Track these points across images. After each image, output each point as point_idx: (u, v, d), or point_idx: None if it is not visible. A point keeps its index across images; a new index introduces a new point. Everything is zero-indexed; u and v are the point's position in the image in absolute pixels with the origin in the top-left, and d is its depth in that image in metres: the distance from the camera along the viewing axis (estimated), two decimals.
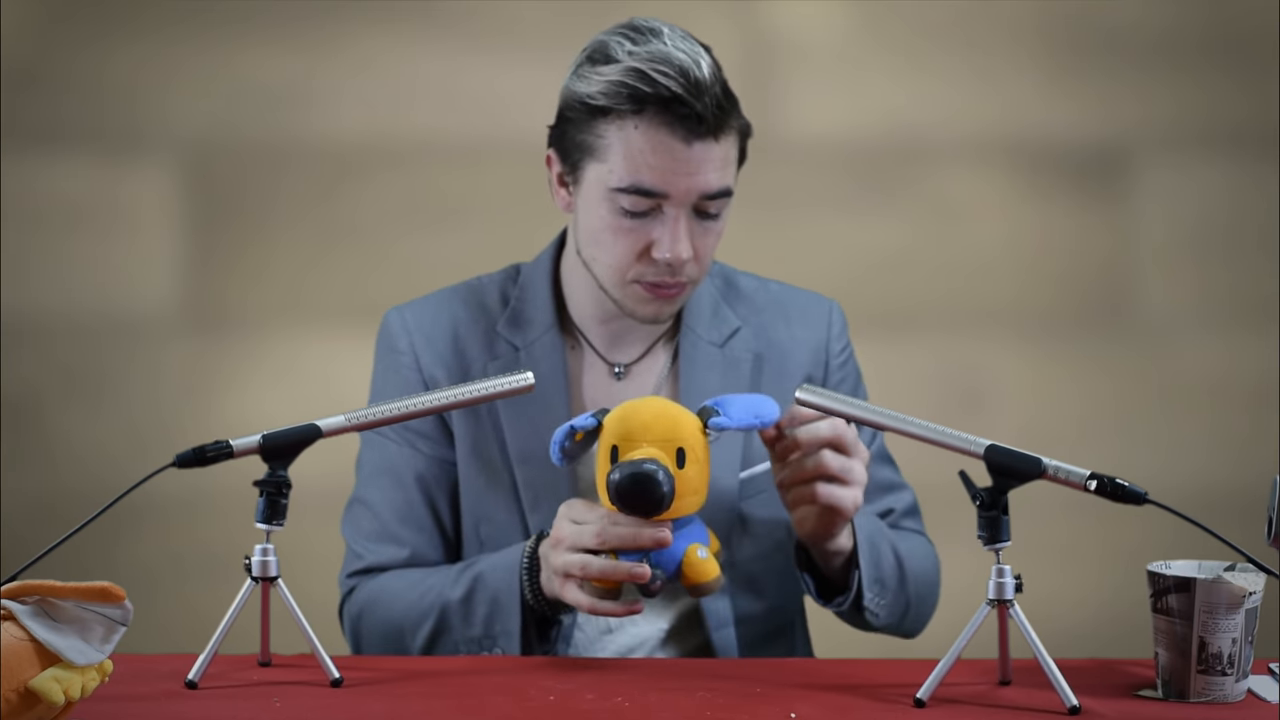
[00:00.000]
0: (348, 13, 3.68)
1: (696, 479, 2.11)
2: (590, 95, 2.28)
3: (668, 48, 2.27)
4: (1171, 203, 3.73)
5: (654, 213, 2.29)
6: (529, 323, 2.43)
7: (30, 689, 1.76)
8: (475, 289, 2.47)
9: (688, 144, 2.26)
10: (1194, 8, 3.71)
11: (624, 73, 2.26)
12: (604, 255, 2.33)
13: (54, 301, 3.71)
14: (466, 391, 2.12)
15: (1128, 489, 1.94)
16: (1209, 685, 1.95)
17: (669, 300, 2.34)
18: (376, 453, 2.44)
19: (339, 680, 2.03)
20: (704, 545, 2.14)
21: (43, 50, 3.67)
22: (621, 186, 2.28)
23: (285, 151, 3.70)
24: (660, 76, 2.25)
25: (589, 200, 2.32)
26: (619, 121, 2.27)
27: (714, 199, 2.29)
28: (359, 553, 2.42)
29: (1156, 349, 3.74)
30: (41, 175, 3.69)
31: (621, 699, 1.97)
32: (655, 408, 2.13)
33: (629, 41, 2.29)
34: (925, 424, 2.02)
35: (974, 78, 3.71)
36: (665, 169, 2.26)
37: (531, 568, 2.25)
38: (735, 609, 2.40)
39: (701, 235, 2.31)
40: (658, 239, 2.29)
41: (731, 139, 2.30)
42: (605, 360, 2.43)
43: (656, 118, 2.26)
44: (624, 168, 2.27)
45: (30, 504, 3.69)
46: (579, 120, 2.31)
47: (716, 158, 2.28)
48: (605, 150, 2.29)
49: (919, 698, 1.94)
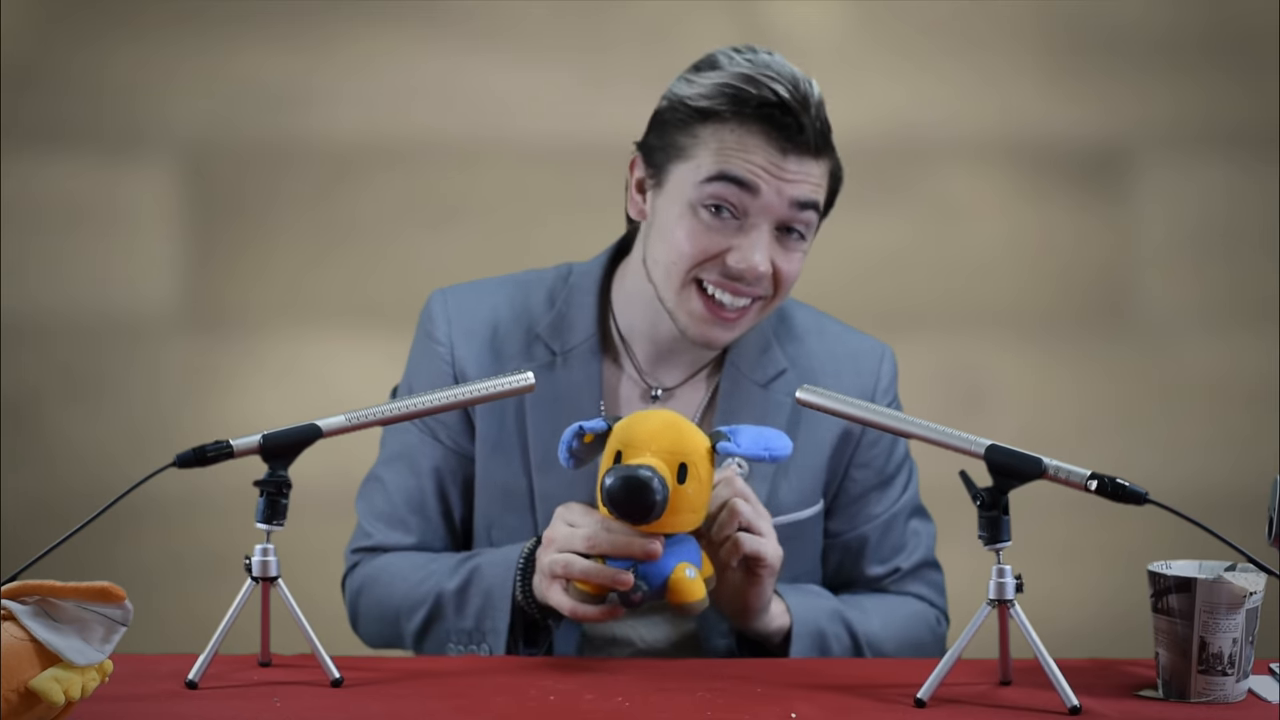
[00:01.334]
0: (348, 13, 3.68)
1: (695, 497, 2.10)
2: (691, 97, 2.25)
3: (776, 60, 2.25)
4: (1171, 203, 3.73)
5: (737, 220, 2.24)
6: (571, 328, 2.38)
7: (30, 689, 1.76)
8: (524, 285, 2.43)
9: (783, 153, 2.23)
10: (1194, 8, 3.71)
11: (731, 76, 2.24)
12: (670, 254, 2.27)
13: (54, 301, 3.71)
14: (467, 391, 2.11)
15: (1128, 489, 1.94)
16: (1209, 685, 1.95)
17: (727, 324, 2.28)
18: (398, 436, 2.43)
19: (339, 680, 2.03)
20: (694, 566, 2.13)
21: (42, 50, 3.67)
22: (710, 175, 2.23)
23: (285, 151, 3.70)
24: (767, 80, 2.22)
25: (670, 199, 2.27)
26: (717, 124, 2.24)
27: (804, 209, 2.25)
28: (368, 530, 2.42)
29: (1156, 349, 3.74)
30: (41, 175, 3.69)
31: (621, 699, 1.97)
32: (664, 419, 2.12)
33: (738, 54, 2.26)
34: (926, 424, 2.02)
35: (974, 78, 3.71)
36: (759, 167, 2.23)
37: (526, 569, 2.25)
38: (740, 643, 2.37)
39: (784, 255, 2.26)
40: (737, 245, 2.24)
41: (825, 168, 2.27)
42: (644, 380, 2.39)
43: (755, 123, 2.23)
44: (713, 160, 2.23)
45: (30, 504, 3.69)
46: (676, 123, 2.26)
47: (813, 175, 2.25)
48: (696, 148, 2.25)
49: (919, 698, 1.94)
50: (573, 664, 2.19)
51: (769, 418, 2.36)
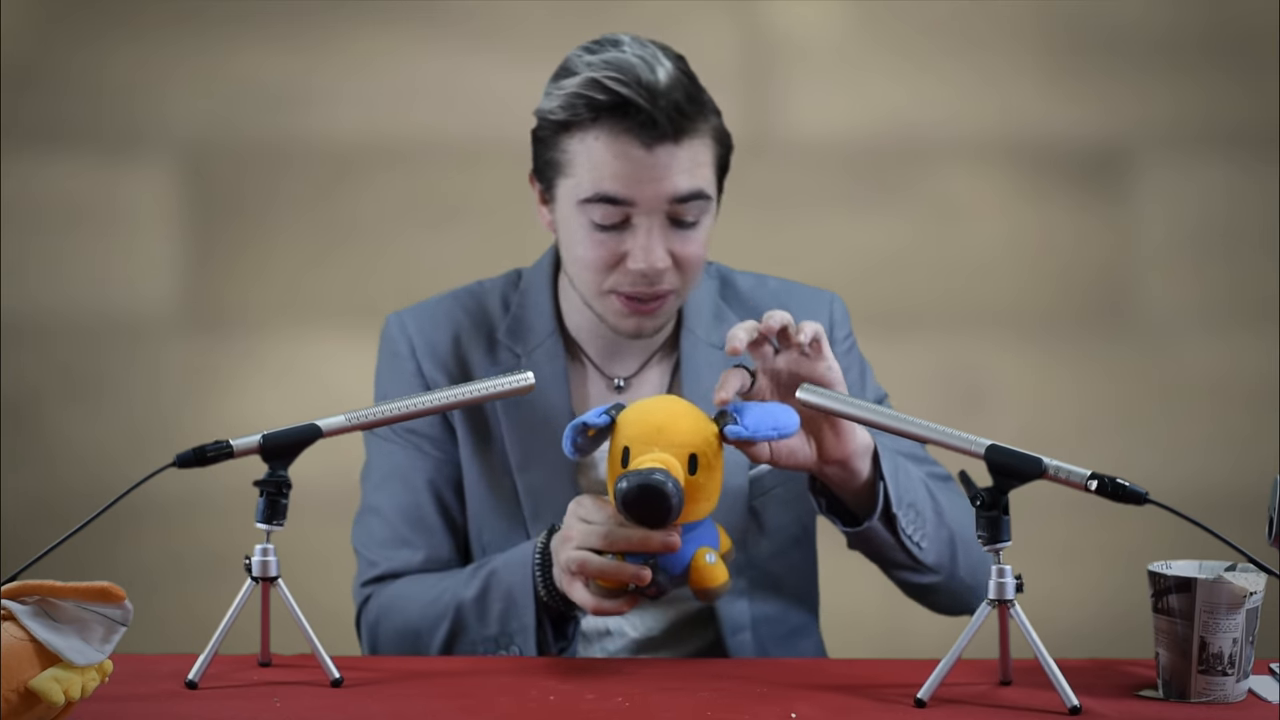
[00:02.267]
0: (347, 13, 3.68)
1: (709, 485, 2.09)
2: (552, 111, 2.29)
3: (624, 54, 2.27)
4: (1171, 203, 3.73)
5: (625, 225, 2.28)
6: (529, 330, 2.42)
7: (30, 689, 1.76)
8: (477, 294, 2.47)
9: (648, 149, 2.25)
10: (1194, 8, 3.71)
11: (580, 84, 2.26)
12: (580, 269, 2.32)
13: (54, 301, 3.71)
14: (467, 391, 2.11)
15: (1128, 489, 1.94)
16: (1210, 685, 1.95)
17: (649, 315, 2.33)
18: (383, 459, 2.43)
19: (339, 680, 2.02)
20: (713, 549, 2.11)
21: (42, 49, 3.67)
22: (587, 197, 2.27)
23: (285, 151, 3.70)
24: (612, 83, 2.24)
25: (564, 216, 2.32)
26: (580, 134, 2.27)
27: (686, 202, 2.28)
28: (372, 560, 2.41)
29: (1157, 349, 3.73)
30: (41, 175, 3.69)
31: (622, 699, 1.97)
32: (670, 410, 2.10)
33: (588, 53, 2.29)
34: (926, 424, 2.01)
35: (974, 78, 3.71)
36: (628, 175, 2.26)
37: (544, 563, 2.24)
38: (753, 610, 2.39)
39: (681, 243, 2.30)
40: (631, 249, 2.28)
41: (700, 143, 2.28)
42: (603, 374, 2.43)
43: (615, 125, 2.25)
44: (588, 178, 2.27)
45: (30, 504, 3.69)
46: (547, 138, 2.31)
47: (683, 161, 2.27)
48: (571, 164, 2.29)
49: (920, 698, 1.94)
50: (573, 664, 2.19)
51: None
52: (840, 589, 2.42)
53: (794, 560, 2.42)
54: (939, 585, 2.32)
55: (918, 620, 3.62)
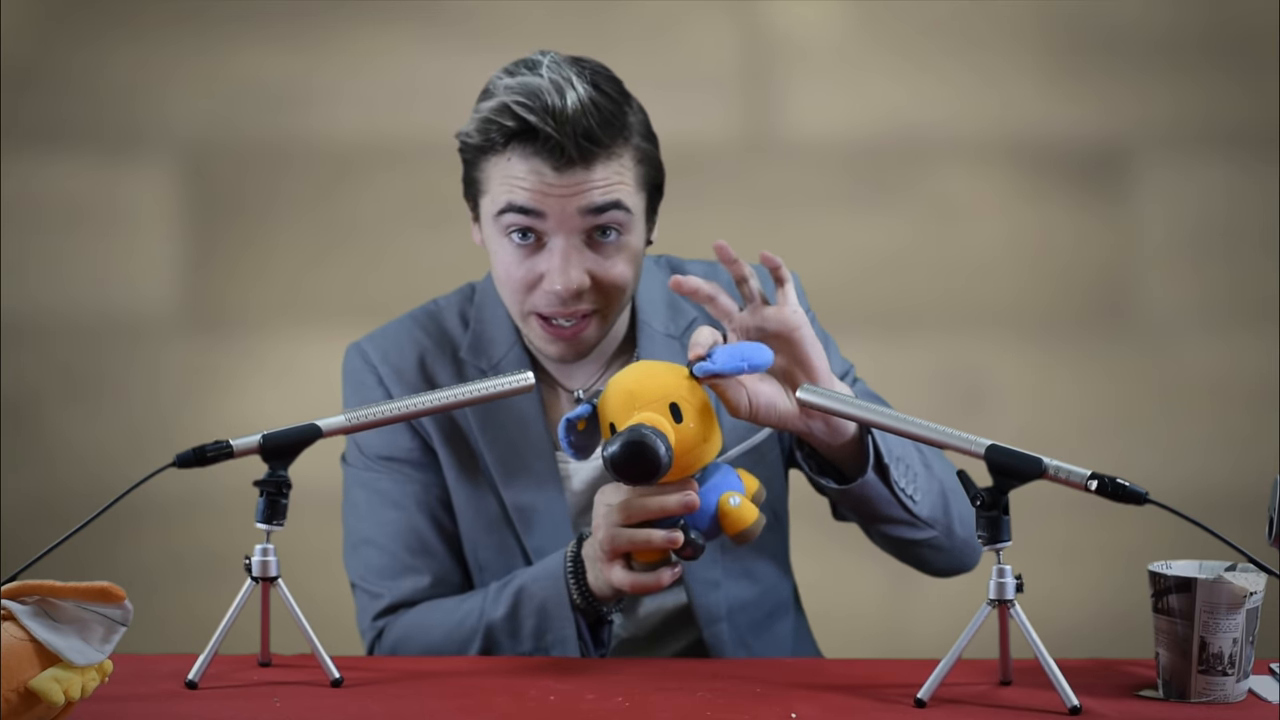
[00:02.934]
0: (347, 13, 3.68)
1: (702, 427, 2.07)
2: (469, 134, 2.29)
3: (539, 79, 2.24)
4: (1171, 203, 3.73)
5: (541, 245, 2.27)
6: (491, 344, 2.40)
7: (30, 689, 1.76)
8: (434, 314, 2.44)
9: (557, 171, 2.24)
10: (1194, 8, 3.71)
11: (492, 109, 2.26)
12: (502, 288, 2.32)
13: (54, 301, 3.71)
14: (467, 391, 2.11)
15: (1128, 489, 1.94)
16: (1210, 685, 1.95)
17: (571, 339, 2.30)
18: (370, 492, 2.40)
19: (339, 680, 2.02)
20: (737, 491, 2.10)
21: (42, 49, 3.67)
22: (500, 209, 2.26)
23: (285, 151, 3.70)
24: (520, 109, 2.23)
25: (488, 235, 2.31)
26: (495, 156, 2.27)
27: (601, 213, 2.25)
28: (376, 593, 2.37)
29: (1157, 349, 3.74)
30: (41, 175, 3.69)
31: (621, 699, 1.97)
32: (638, 371, 2.09)
33: (507, 75, 2.28)
34: (926, 424, 2.01)
35: (974, 78, 3.71)
36: (538, 191, 2.24)
37: (577, 570, 2.23)
38: (728, 599, 2.38)
39: (600, 264, 2.27)
40: (546, 270, 2.27)
41: (616, 164, 2.26)
42: (564, 388, 2.40)
43: (525, 148, 2.24)
44: (502, 192, 2.26)
45: (30, 504, 3.69)
46: (467, 161, 2.32)
47: (595, 181, 2.25)
48: (489, 182, 2.29)
49: (920, 698, 1.94)
50: (573, 664, 2.19)
51: None
52: (840, 589, 2.42)
53: (766, 545, 2.40)
54: (936, 541, 2.31)
55: (918, 620, 3.63)
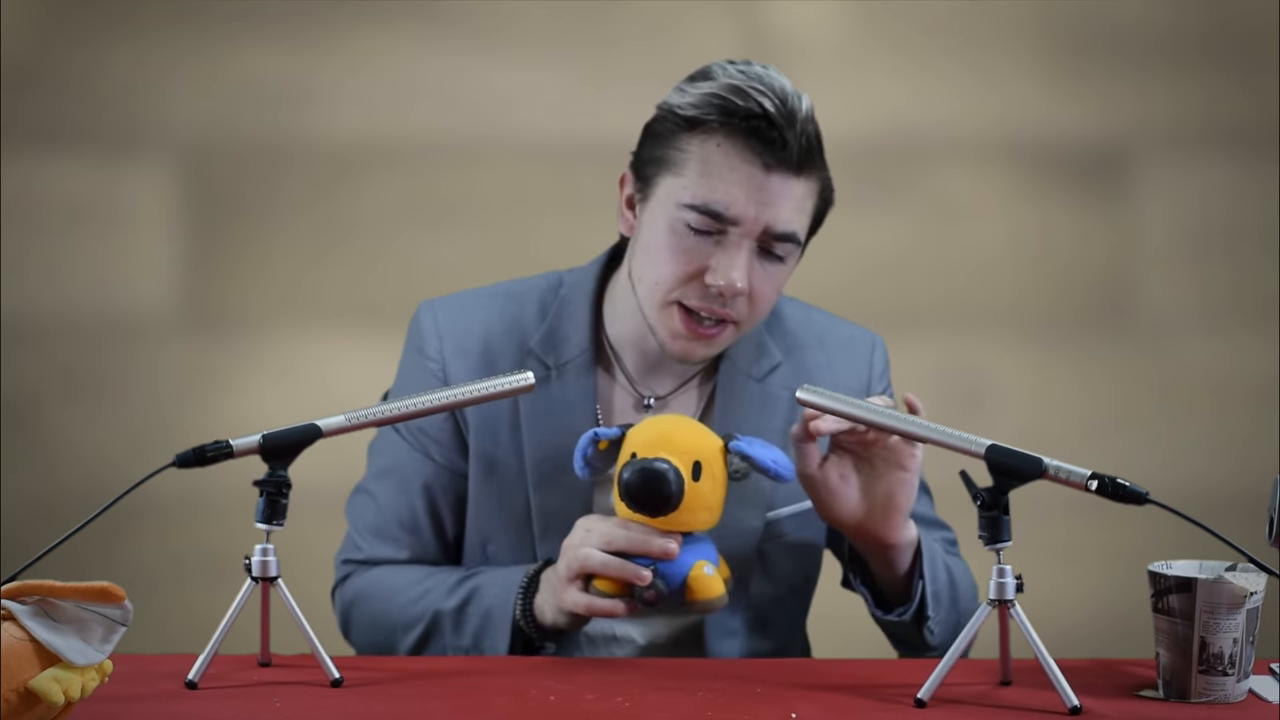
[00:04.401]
0: (347, 12, 3.68)
1: (710, 495, 2.10)
2: (681, 106, 2.24)
3: (770, 74, 2.24)
4: (1171, 203, 3.73)
5: (717, 237, 2.23)
6: (564, 341, 2.36)
7: (30, 689, 1.76)
8: (515, 296, 2.40)
9: (767, 171, 2.21)
10: (1194, 8, 3.71)
11: (720, 87, 2.22)
12: (653, 271, 2.26)
13: (54, 301, 3.71)
14: (467, 391, 2.11)
15: (1129, 489, 1.94)
16: (1210, 685, 1.95)
17: (705, 341, 2.27)
18: (389, 450, 2.41)
19: (339, 680, 2.02)
20: (711, 563, 2.13)
21: (42, 49, 3.67)
22: (692, 203, 2.22)
23: (285, 151, 3.70)
24: (755, 93, 2.20)
25: (654, 215, 2.26)
26: (704, 136, 2.22)
27: (780, 240, 2.24)
28: (358, 543, 2.41)
29: (1157, 349, 3.73)
30: (41, 175, 3.69)
31: (621, 699, 1.97)
32: (677, 421, 2.14)
33: (732, 65, 2.25)
34: (926, 424, 2.02)
35: (974, 77, 3.71)
36: (739, 192, 2.21)
37: (529, 589, 2.24)
38: (744, 650, 2.37)
39: (762, 276, 2.25)
40: (715, 264, 2.23)
41: (812, 184, 2.25)
42: (636, 390, 2.38)
43: (741, 137, 2.21)
44: (698, 183, 2.22)
45: (30, 504, 3.69)
46: (665, 134, 2.26)
47: (795, 195, 2.23)
48: (684, 164, 2.23)
49: (920, 698, 1.94)
50: (573, 664, 2.19)
51: (766, 411, 2.36)
52: (840, 589, 2.42)
53: (790, 606, 2.41)
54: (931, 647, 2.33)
55: None
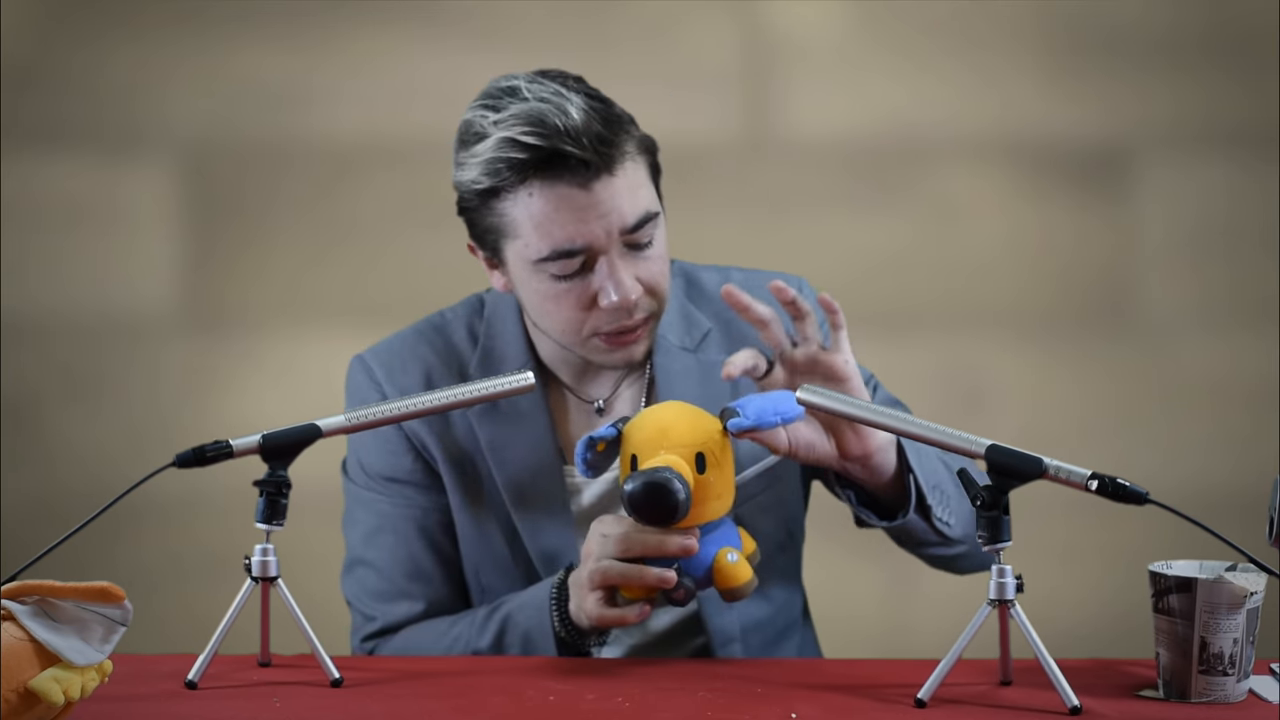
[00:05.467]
0: (347, 12, 3.68)
1: (719, 483, 2.10)
2: (475, 180, 2.24)
3: (529, 103, 2.20)
4: (1171, 203, 3.73)
5: (585, 269, 2.24)
6: (502, 361, 2.37)
7: (30, 689, 1.76)
8: (440, 328, 2.41)
9: (586, 189, 2.20)
10: (1194, 8, 3.70)
11: (495, 147, 2.21)
12: (555, 324, 2.28)
13: (54, 301, 3.71)
14: (467, 391, 2.11)
15: (1129, 489, 1.94)
16: (1210, 685, 1.95)
17: (633, 344, 2.29)
18: (369, 512, 2.39)
19: (339, 680, 2.02)
20: (735, 549, 2.12)
21: (42, 49, 3.67)
22: (543, 256, 2.23)
23: (285, 151, 3.70)
24: (530, 139, 2.19)
25: (520, 278, 2.27)
26: (511, 196, 2.22)
27: (638, 229, 2.24)
28: (369, 615, 2.37)
29: (1157, 349, 3.73)
30: (41, 175, 3.69)
31: (622, 699, 1.97)
32: (674, 412, 2.12)
33: (491, 111, 2.23)
34: (926, 424, 2.01)
35: (974, 77, 3.71)
36: (576, 222, 2.21)
37: (560, 600, 2.22)
38: (741, 620, 2.37)
39: (643, 267, 2.26)
40: (600, 288, 2.24)
41: (633, 164, 2.24)
42: (580, 398, 2.40)
43: (545, 177, 2.20)
44: (536, 237, 2.22)
45: (30, 504, 3.69)
46: (477, 207, 2.26)
47: (621, 190, 2.22)
48: (513, 226, 2.24)
49: (920, 698, 1.94)
50: (573, 664, 2.19)
51: (705, 379, 2.36)
52: (840, 589, 2.42)
53: (779, 565, 2.40)
54: (966, 553, 2.32)
55: (918, 620, 3.63)
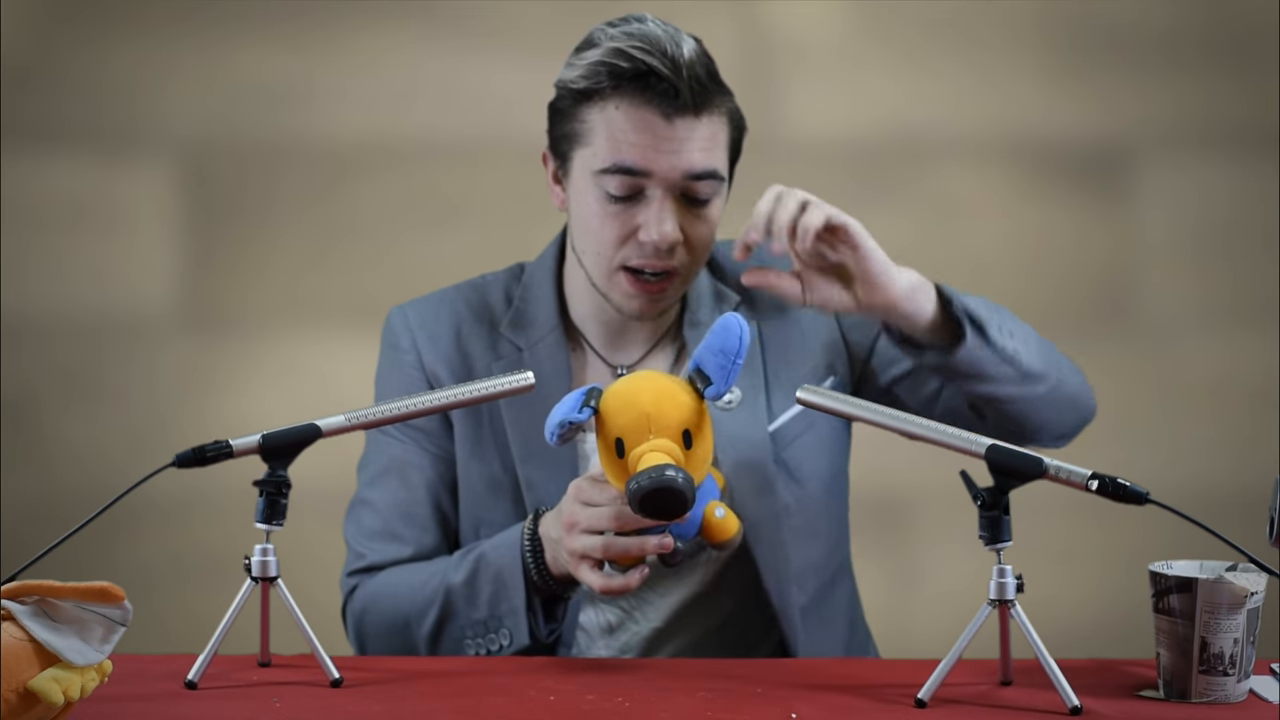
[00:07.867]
0: (348, 12, 3.68)
1: (703, 450, 2.10)
2: (573, 80, 2.31)
3: (648, 28, 2.29)
4: (1171, 203, 3.73)
5: (639, 197, 2.29)
6: (532, 323, 2.43)
7: (30, 689, 1.76)
8: (479, 287, 2.47)
9: (668, 120, 2.27)
10: (1194, 8, 3.71)
11: (604, 53, 2.28)
12: (592, 242, 2.33)
13: (53, 301, 3.71)
14: (467, 391, 2.12)
15: (1129, 489, 1.94)
16: (1210, 685, 1.95)
17: (655, 295, 2.33)
18: (381, 453, 2.44)
19: (339, 680, 2.02)
20: (719, 502, 2.14)
21: (42, 49, 3.67)
22: (604, 167, 2.29)
23: (285, 151, 3.70)
24: (636, 52, 2.26)
25: (578, 190, 2.33)
26: (600, 103, 2.29)
27: (700, 180, 2.29)
28: (360, 551, 2.42)
29: (1157, 349, 3.73)
30: (41, 174, 3.69)
31: (622, 699, 1.97)
32: (651, 390, 2.10)
33: (611, 27, 2.32)
34: (926, 423, 2.01)
35: (974, 77, 3.71)
36: (646, 146, 2.27)
37: (534, 545, 2.25)
38: (794, 560, 2.38)
39: (692, 222, 2.31)
40: (644, 222, 2.29)
41: (717, 120, 2.31)
42: (606, 362, 2.43)
43: (636, 95, 2.27)
44: (606, 148, 2.29)
45: (30, 504, 3.69)
46: (566, 110, 2.33)
47: (701, 136, 2.28)
48: (589, 134, 2.30)
49: (920, 698, 1.94)
50: (573, 664, 2.19)
51: None
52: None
53: (829, 506, 2.42)
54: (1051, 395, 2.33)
55: (918, 620, 3.62)
